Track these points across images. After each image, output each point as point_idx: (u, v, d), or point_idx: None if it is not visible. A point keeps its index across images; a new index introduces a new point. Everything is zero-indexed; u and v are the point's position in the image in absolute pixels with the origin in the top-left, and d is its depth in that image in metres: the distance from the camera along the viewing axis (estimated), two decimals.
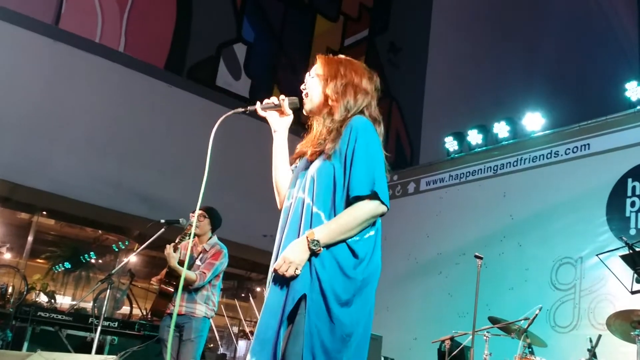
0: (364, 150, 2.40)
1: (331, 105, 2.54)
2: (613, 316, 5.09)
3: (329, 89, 2.54)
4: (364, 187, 2.35)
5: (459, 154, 9.77)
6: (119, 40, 10.05)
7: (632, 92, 7.60)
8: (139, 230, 10.41)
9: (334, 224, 2.35)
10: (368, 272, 2.43)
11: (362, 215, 2.35)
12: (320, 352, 2.30)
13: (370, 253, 2.43)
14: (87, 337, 6.16)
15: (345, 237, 2.35)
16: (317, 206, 2.42)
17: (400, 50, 13.85)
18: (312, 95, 2.60)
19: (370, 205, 2.35)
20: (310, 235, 2.33)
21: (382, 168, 2.43)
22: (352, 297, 2.36)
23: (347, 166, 2.40)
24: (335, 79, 2.55)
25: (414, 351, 8.59)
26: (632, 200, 7.14)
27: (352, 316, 2.36)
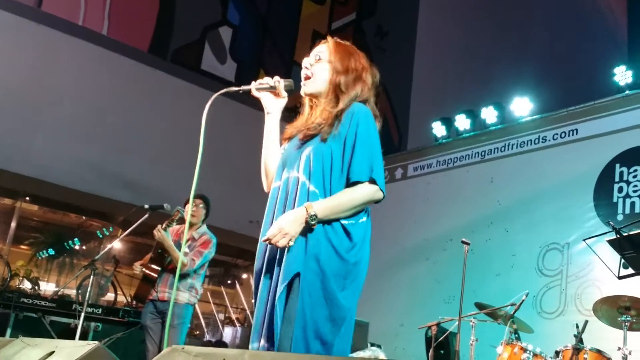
0: (365, 136, 2.42)
1: (337, 94, 2.53)
2: (600, 302, 5.09)
3: (341, 80, 2.53)
4: (364, 172, 2.38)
5: (446, 140, 9.75)
6: (102, 23, 9.90)
7: (620, 76, 7.59)
8: (124, 216, 10.33)
9: (332, 201, 2.36)
10: (360, 256, 2.43)
11: (360, 197, 2.37)
12: (312, 335, 2.30)
13: (363, 238, 2.44)
14: (70, 324, 6.13)
15: (339, 217, 2.36)
16: (313, 185, 2.41)
17: (387, 34, 13.78)
18: (318, 79, 2.57)
19: (369, 189, 2.38)
20: (309, 208, 2.32)
21: (380, 156, 2.46)
22: (346, 280, 2.37)
23: (347, 150, 2.42)
24: (347, 72, 2.55)
25: (400, 337, 8.60)
26: (620, 185, 7.15)
27: (346, 299, 2.37)
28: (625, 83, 7.53)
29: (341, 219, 2.37)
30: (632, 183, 7.05)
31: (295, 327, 2.28)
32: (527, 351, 5.09)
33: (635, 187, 7.00)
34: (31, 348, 2.79)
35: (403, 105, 13.75)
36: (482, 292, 6.97)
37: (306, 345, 2.28)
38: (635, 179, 7.04)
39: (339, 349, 2.36)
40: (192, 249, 5.16)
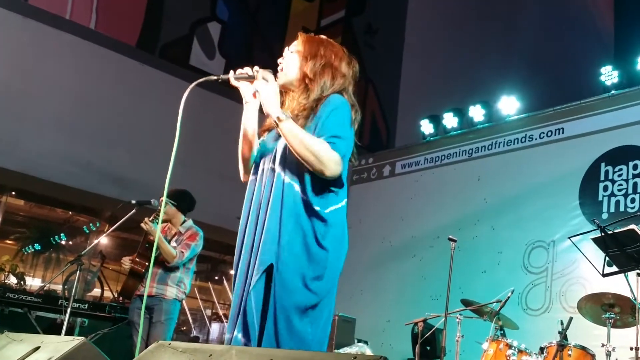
0: (336, 116, 2.41)
1: (307, 83, 2.52)
2: (584, 299, 5.15)
3: (308, 68, 2.52)
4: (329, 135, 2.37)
5: (434, 137, 9.79)
6: (89, 17, 9.84)
7: (606, 76, 7.66)
8: (110, 211, 10.30)
9: (305, 133, 2.35)
10: (335, 245, 2.42)
11: (319, 149, 2.33)
12: (284, 326, 2.30)
13: (338, 227, 2.44)
14: (56, 319, 6.09)
15: (298, 149, 2.33)
16: (288, 177, 2.42)
17: (376, 32, 13.79)
18: (288, 70, 2.57)
19: (331, 152, 2.34)
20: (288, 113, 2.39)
21: (350, 144, 2.45)
22: (319, 269, 2.36)
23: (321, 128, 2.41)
24: (314, 58, 2.54)
25: (387, 333, 8.64)
26: (605, 184, 7.21)
27: (320, 289, 2.36)
28: (612, 83, 7.60)
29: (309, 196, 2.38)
30: (617, 182, 7.12)
31: (267, 318, 2.30)
32: (512, 347, 5.14)
33: (620, 186, 7.07)
34: (16, 343, 2.78)
35: (391, 102, 13.78)
36: (468, 289, 7.02)
37: (277, 335, 2.29)
38: (620, 177, 7.11)
39: (316, 340, 2.36)
40: (180, 242, 5.15)
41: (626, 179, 7.05)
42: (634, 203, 6.88)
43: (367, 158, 10.79)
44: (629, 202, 6.94)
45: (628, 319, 4.95)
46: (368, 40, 13.63)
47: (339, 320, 7.16)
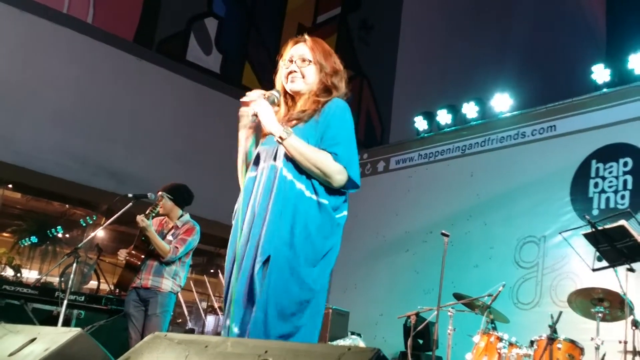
0: (341, 123, 2.56)
1: (328, 89, 2.67)
2: (574, 293, 5.22)
3: (333, 81, 2.69)
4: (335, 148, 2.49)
5: (428, 134, 9.84)
6: (87, 12, 9.83)
7: (598, 74, 7.72)
8: (107, 204, 10.31)
9: (308, 147, 2.47)
10: (333, 242, 2.55)
11: (324, 162, 2.46)
12: (275, 316, 2.34)
13: (338, 225, 2.59)
14: (53, 311, 6.11)
15: (303, 164, 2.45)
16: (291, 174, 2.50)
17: (372, 28, 13.80)
18: (310, 79, 2.67)
19: (335, 164, 2.46)
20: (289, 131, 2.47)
21: (354, 146, 2.57)
22: (316, 264, 2.45)
23: (322, 136, 2.52)
24: (335, 73, 2.72)
25: (380, 326, 8.71)
26: (596, 181, 7.29)
27: (315, 282, 2.44)
28: (603, 81, 7.66)
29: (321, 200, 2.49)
30: (607, 179, 7.19)
31: (257, 308, 2.35)
32: (502, 340, 5.21)
33: (611, 183, 7.15)
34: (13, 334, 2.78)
35: (386, 98, 13.80)
36: (460, 283, 7.08)
37: (266, 325, 2.33)
38: (610, 174, 7.18)
39: (307, 331, 2.42)
40: (176, 237, 5.19)
41: (616, 176, 7.13)
42: (624, 200, 6.95)
43: (361, 154, 10.82)
44: (619, 198, 7.01)
45: (617, 313, 5.03)
46: (363, 36, 13.65)
47: (333, 313, 7.22)
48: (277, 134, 2.47)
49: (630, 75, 7.45)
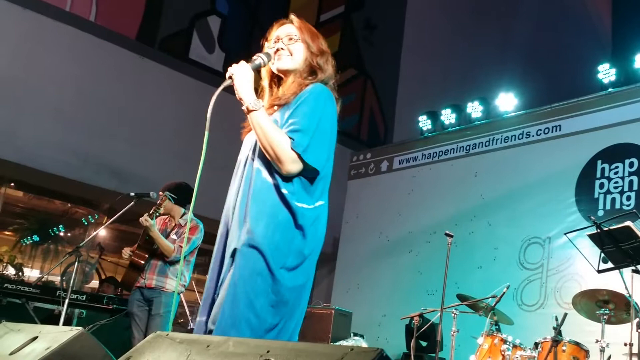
0: (311, 112, 2.41)
1: (314, 71, 2.58)
2: (579, 295, 5.18)
3: (319, 61, 2.59)
4: (293, 135, 2.36)
5: (432, 133, 9.81)
6: (89, 9, 9.82)
7: (603, 74, 7.68)
8: (109, 203, 10.29)
9: (272, 126, 2.37)
10: (309, 240, 2.41)
11: (278, 144, 2.34)
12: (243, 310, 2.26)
13: (314, 219, 2.43)
14: (54, 310, 6.10)
15: (262, 142, 2.36)
16: (260, 164, 2.44)
17: (375, 28, 13.78)
18: (297, 57, 2.59)
19: (292, 155, 2.34)
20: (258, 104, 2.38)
21: (317, 137, 2.40)
22: (289, 258, 2.34)
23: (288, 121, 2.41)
24: (321, 53, 2.61)
25: (383, 327, 8.69)
26: (601, 181, 7.25)
27: (290, 280, 2.34)
28: (609, 81, 7.62)
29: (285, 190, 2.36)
30: (613, 179, 7.15)
31: (225, 301, 2.28)
32: (507, 342, 5.18)
33: (616, 184, 7.11)
34: (14, 333, 2.78)
35: (390, 98, 13.78)
36: (464, 284, 7.06)
37: (233, 319, 2.26)
38: (616, 175, 7.14)
39: (284, 330, 2.33)
40: (179, 235, 5.17)
41: (622, 177, 7.09)
42: (630, 200, 6.91)
43: (365, 153, 10.82)
44: (625, 199, 6.97)
45: (622, 315, 4.99)
46: (367, 35, 13.63)
47: (335, 314, 7.19)
48: (245, 102, 2.40)
49: (636, 75, 7.42)
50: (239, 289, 2.28)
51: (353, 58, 13.27)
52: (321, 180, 2.47)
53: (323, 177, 2.48)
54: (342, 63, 13.82)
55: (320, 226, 2.46)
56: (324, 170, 2.47)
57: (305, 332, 7.26)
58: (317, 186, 2.46)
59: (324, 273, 12.59)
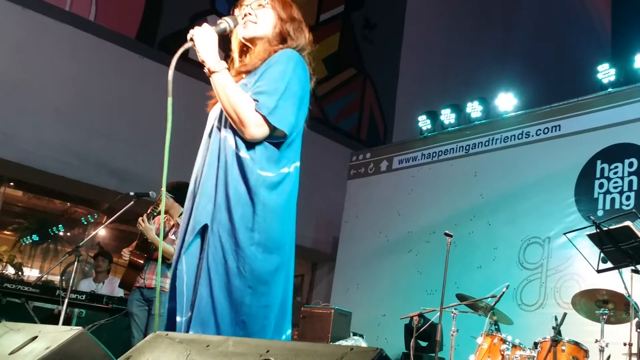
0: (279, 75, 2.29)
1: (284, 38, 2.45)
2: (578, 295, 5.18)
3: (289, 28, 2.46)
4: (264, 104, 2.23)
5: (431, 133, 9.81)
6: (89, 9, 9.82)
7: (603, 74, 7.68)
8: (109, 203, 10.29)
9: (235, 89, 2.25)
10: (279, 214, 2.26)
11: (244, 112, 2.22)
12: (220, 293, 2.17)
13: (281, 192, 2.28)
14: (54, 310, 6.10)
15: (225, 105, 2.25)
16: (224, 130, 2.33)
17: (375, 27, 13.79)
18: (264, 24, 2.46)
19: (257, 118, 2.22)
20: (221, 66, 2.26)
21: (285, 102, 2.27)
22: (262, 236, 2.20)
23: (254, 84, 2.30)
24: (292, 19, 2.49)
25: (382, 327, 8.69)
26: (601, 181, 7.25)
27: (266, 261, 2.21)
28: (609, 81, 7.62)
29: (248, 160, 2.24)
30: (612, 179, 7.15)
31: (201, 284, 2.18)
32: (506, 342, 5.18)
33: (616, 184, 7.11)
34: (14, 332, 2.78)
35: (389, 98, 13.79)
36: (463, 284, 7.06)
37: (213, 303, 2.17)
38: (615, 175, 7.14)
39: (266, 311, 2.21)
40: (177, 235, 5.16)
41: (622, 177, 7.09)
42: (629, 200, 6.91)
43: (364, 153, 10.82)
44: (624, 199, 6.97)
45: (622, 315, 4.99)
46: (367, 34, 13.63)
47: (335, 314, 7.20)
48: (207, 64, 2.29)
49: (636, 75, 7.42)
50: (212, 270, 2.18)
51: (353, 57, 13.28)
52: (290, 147, 2.33)
53: (292, 143, 2.33)
54: (341, 62, 13.86)
55: (285, 195, 2.29)
56: (293, 135, 2.32)
57: (305, 332, 7.28)
58: (285, 153, 2.31)
59: (324, 273, 12.60)
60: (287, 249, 2.30)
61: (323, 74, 12.51)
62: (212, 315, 2.17)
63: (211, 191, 2.26)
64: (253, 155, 2.25)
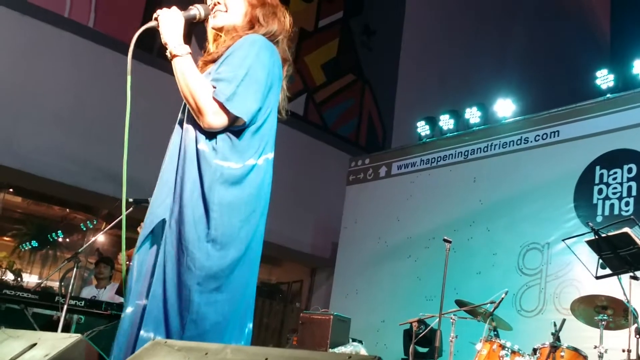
0: (240, 61, 2.19)
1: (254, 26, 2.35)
2: (577, 301, 5.18)
3: (259, 13, 2.35)
4: (222, 91, 2.13)
5: (430, 139, 9.82)
6: (88, 16, 9.84)
7: (602, 80, 7.69)
8: (108, 209, 10.29)
9: (195, 74, 2.18)
10: (238, 209, 2.15)
11: (202, 100, 2.13)
12: (173, 290, 2.09)
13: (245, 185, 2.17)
14: (53, 316, 6.09)
15: (183, 91, 2.19)
16: (187, 122, 2.25)
17: (374, 33, 13.81)
18: (233, 12, 2.37)
19: (214, 106, 2.13)
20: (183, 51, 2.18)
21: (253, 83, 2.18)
22: (218, 233, 2.11)
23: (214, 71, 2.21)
24: (264, 5, 2.38)
25: (381, 333, 8.68)
26: (600, 187, 7.25)
27: (221, 258, 2.11)
28: (607, 87, 7.63)
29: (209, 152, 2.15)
30: (611, 185, 7.16)
31: (154, 281, 2.11)
32: (505, 348, 5.18)
33: (615, 189, 7.11)
34: (13, 339, 2.77)
35: (388, 103, 13.81)
36: (463, 290, 7.05)
37: (165, 302, 2.09)
38: (614, 181, 7.14)
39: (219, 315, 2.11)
40: None
41: (621, 182, 7.09)
42: (629, 206, 6.91)
43: (363, 159, 10.83)
44: (624, 205, 6.97)
45: (621, 321, 4.99)
46: (365, 41, 13.65)
47: (334, 320, 7.18)
48: (169, 46, 2.21)
49: (635, 81, 7.43)
50: (167, 267, 2.10)
51: (352, 63, 13.30)
52: (255, 136, 2.22)
53: (258, 132, 2.22)
54: (340, 68, 13.86)
55: (251, 188, 2.18)
56: (258, 123, 2.22)
57: (304, 339, 7.26)
58: (251, 143, 2.20)
59: (323, 278, 12.59)
60: (250, 243, 2.18)
61: (322, 80, 12.53)
62: (163, 314, 2.10)
63: (171, 185, 2.20)
64: (215, 146, 2.16)
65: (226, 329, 2.15)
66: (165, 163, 2.29)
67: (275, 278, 14.65)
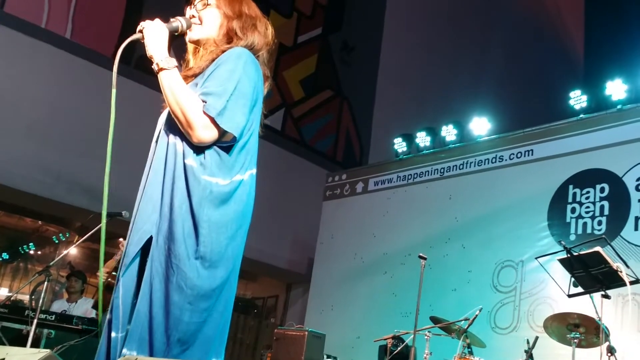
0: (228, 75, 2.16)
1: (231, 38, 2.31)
2: (550, 319, 5.21)
3: (236, 25, 2.31)
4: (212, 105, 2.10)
5: (407, 156, 9.86)
6: (65, 26, 9.76)
7: (575, 100, 7.81)
8: (81, 222, 10.16)
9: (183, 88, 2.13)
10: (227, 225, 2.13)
11: (191, 114, 2.09)
12: (160, 310, 2.05)
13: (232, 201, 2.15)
14: (23, 330, 5.98)
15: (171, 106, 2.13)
16: (173, 135, 2.19)
17: (353, 50, 13.90)
18: (208, 26, 2.33)
19: (204, 120, 2.09)
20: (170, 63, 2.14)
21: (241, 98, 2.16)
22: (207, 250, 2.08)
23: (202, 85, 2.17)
24: (240, 16, 2.33)
25: (356, 350, 8.64)
26: (573, 206, 7.33)
27: (209, 278, 2.09)
28: (580, 107, 7.75)
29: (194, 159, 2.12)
30: (584, 204, 7.24)
31: (140, 301, 2.06)
32: None
33: (588, 208, 7.19)
34: None
35: (366, 120, 13.87)
36: (438, 306, 7.06)
37: (151, 321, 2.05)
38: (587, 200, 7.23)
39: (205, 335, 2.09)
40: None
41: (593, 202, 7.18)
42: (601, 225, 6.99)
43: (340, 174, 10.84)
44: (596, 224, 7.06)
45: (592, 339, 5.02)
46: (344, 57, 13.73)
47: (309, 336, 7.14)
48: (155, 59, 2.16)
49: (607, 102, 7.54)
50: (154, 285, 2.06)
51: (330, 79, 13.36)
52: (243, 152, 2.20)
53: (244, 147, 2.21)
54: (319, 84, 13.90)
55: (237, 205, 2.16)
56: (245, 138, 2.20)
57: (278, 355, 7.20)
58: (238, 158, 2.18)
59: (298, 294, 12.54)
60: (234, 263, 2.18)
61: (300, 95, 12.56)
62: (148, 333, 2.05)
63: (157, 200, 2.15)
64: (203, 161, 2.12)
65: (211, 349, 2.13)
66: (149, 177, 2.23)
67: (250, 293, 14.57)
